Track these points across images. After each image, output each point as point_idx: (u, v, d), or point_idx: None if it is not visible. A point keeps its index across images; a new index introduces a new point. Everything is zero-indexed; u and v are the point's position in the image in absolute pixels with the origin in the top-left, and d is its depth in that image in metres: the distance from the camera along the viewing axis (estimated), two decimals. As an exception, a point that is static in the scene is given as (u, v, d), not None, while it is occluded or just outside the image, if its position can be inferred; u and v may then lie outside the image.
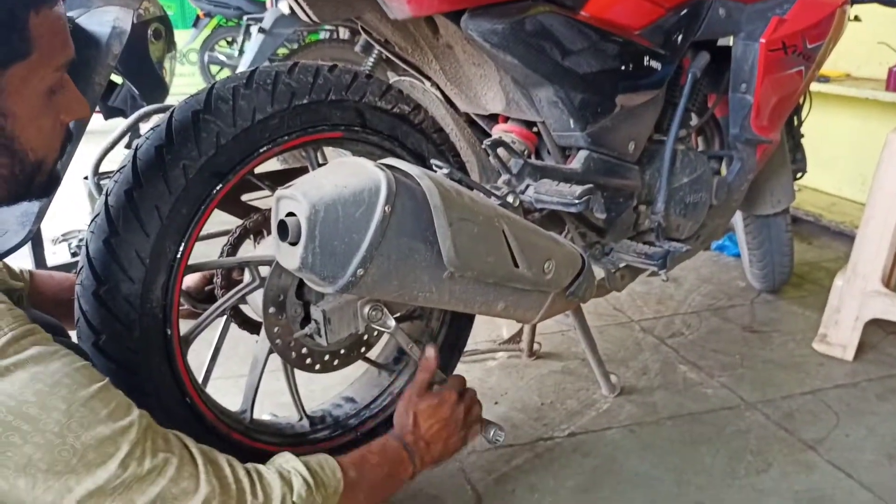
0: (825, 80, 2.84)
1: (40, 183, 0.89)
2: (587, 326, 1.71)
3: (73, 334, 1.05)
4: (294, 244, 0.91)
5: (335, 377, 1.40)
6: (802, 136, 2.11)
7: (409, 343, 1.22)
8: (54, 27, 0.82)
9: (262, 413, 1.44)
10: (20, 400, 0.74)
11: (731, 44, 1.60)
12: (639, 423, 1.62)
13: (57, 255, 2.57)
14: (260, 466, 0.94)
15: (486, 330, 2.04)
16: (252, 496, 0.88)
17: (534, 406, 1.70)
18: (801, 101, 1.99)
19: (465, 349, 1.53)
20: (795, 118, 2.06)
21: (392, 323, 1.16)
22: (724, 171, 1.73)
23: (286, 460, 0.98)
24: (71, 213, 2.56)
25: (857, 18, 1.91)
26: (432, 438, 1.18)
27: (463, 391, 1.24)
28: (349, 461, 1.05)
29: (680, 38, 1.46)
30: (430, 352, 1.22)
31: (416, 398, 1.20)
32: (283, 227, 0.93)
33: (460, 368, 1.73)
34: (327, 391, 1.57)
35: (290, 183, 0.96)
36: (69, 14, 0.92)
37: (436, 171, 1.09)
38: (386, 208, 0.93)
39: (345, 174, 0.95)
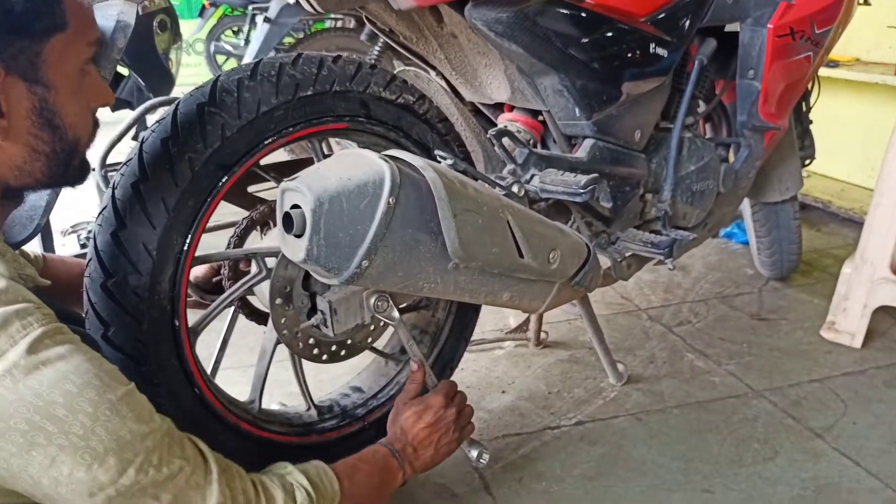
0: (834, 64, 2.82)
1: (75, 167, 0.91)
2: (594, 315, 1.71)
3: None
4: (299, 236, 0.92)
5: (343, 367, 1.41)
6: (811, 122, 2.10)
7: (409, 339, 1.22)
8: (84, 3, 0.85)
9: (271, 403, 1.45)
10: (48, 400, 0.74)
11: (738, 30, 1.59)
12: (646, 412, 1.63)
13: (66, 246, 2.59)
14: (265, 479, 0.95)
15: (494, 319, 2.05)
16: None
17: (541, 395, 1.70)
18: (809, 86, 1.97)
19: (472, 338, 1.53)
20: (804, 104, 2.05)
21: (396, 314, 1.16)
22: (731, 158, 1.72)
23: (289, 472, 0.99)
24: (80, 204, 2.57)
25: (866, 2, 1.89)
26: (420, 444, 1.18)
27: (453, 394, 1.25)
28: (343, 471, 1.06)
29: (686, 24, 1.45)
30: (415, 365, 1.24)
31: (402, 406, 1.22)
32: (287, 219, 0.93)
33: (467, 358, 1.74)
34: (336, 381, 1.58)
35: (295, 175, 0.96)
36: (73, 8, 0.93)
37: (440, 162, 1.09)
38: (390, 200, 0.93)
39: (349, 166, 0.95)
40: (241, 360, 1.74)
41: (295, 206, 0.93)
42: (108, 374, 0.80)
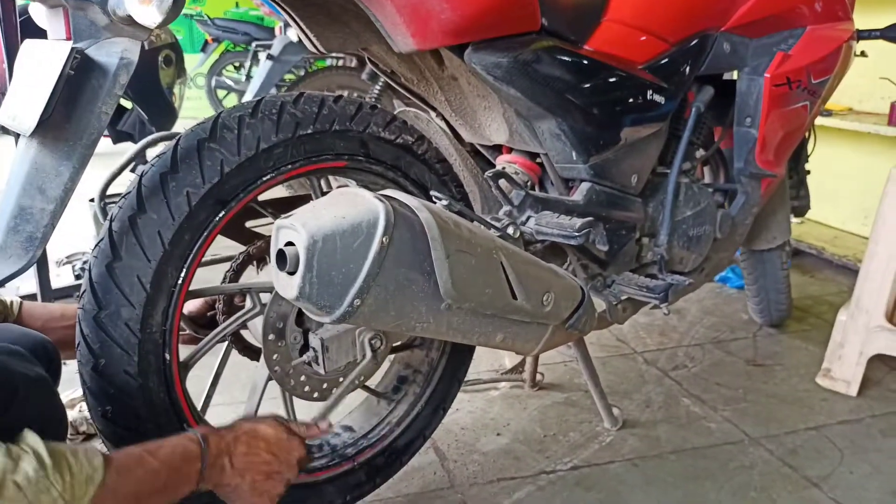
0: (828, 113, 2.85)
1: None
2: (589, 358, 1.70)
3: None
4: (292, 274, 0.92)
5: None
6: (808, 172, 2.11)
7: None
8: None
9: (261, 440, 1.43)
10: None
11: (735, 78, 1.61)
12: (642, 457, 1.61)
13: (61, 277, 2.58)
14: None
15: (489, 359, 2.03)
16: None
17: (536, 438, 1.68)
18: (806, 135, 1.99)
19: (467, 379, 1.52)
20: (801, 153, 2.06)
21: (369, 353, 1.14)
22: (728, 204, 1.73)
23: (27, 438, 0.80)
24: (75, 235, 2.57)
25: (863, 54, 1.92)
26: (246, 468, 0.99)
27: (306, 462, 1.11)
28: (123, 458, 0.88)
29: (684, 72, 1.47)
30: (325, 425, 1.16)
31: (272, 420, 1.07)
32: (281, 256, 0.93)
33: (462, 398, 1.73)
34: (326, 419, 1.55)
35: (290, 213, 0.97)
36: (77, 45, 0.93)
37: (436, 203, 1.10)
38: (384, 239, 0.93)
39: (344, 205, 0.95)
40: (233, 397, 1.72)
41: (289, 244, 0.93)
42: None
